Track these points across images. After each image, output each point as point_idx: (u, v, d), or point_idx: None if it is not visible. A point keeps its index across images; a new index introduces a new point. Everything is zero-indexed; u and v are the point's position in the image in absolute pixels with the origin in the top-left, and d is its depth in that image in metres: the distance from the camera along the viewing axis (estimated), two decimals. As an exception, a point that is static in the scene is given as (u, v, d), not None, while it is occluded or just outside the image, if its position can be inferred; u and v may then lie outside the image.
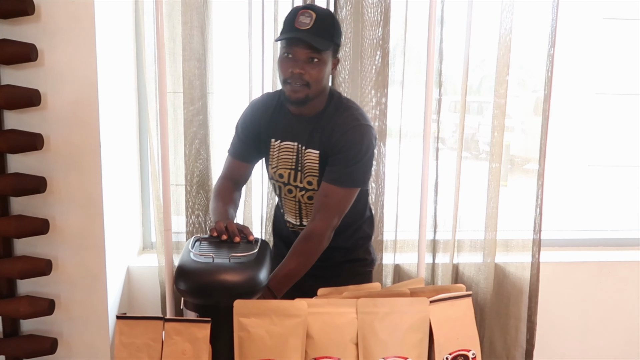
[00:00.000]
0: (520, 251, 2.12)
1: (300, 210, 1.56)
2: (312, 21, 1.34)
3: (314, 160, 1.48)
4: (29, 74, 1.68)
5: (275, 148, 1.53)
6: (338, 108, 1.48)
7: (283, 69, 1.40)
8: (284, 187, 1.55)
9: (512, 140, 2.03)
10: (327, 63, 1.40)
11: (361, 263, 1.65)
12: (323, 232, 1.42)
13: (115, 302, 1.93)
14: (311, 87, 1.39)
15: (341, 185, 1.43)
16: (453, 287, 1.09)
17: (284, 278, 1.37)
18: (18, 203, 1.74)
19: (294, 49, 1.37)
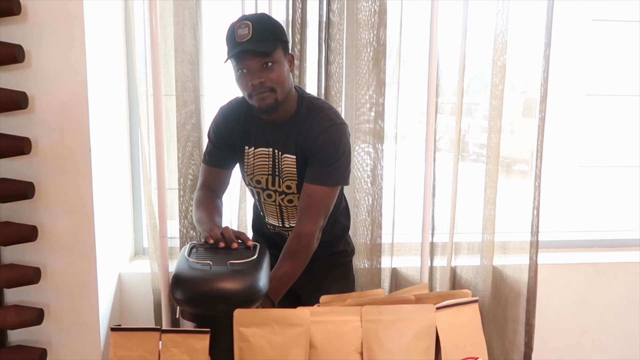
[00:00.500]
0: (518, 253, 2.10)
1: (282, 213, 1.56)
2: (250, 30, 1.33)
3: (291, 164, 1.49)
4: (15, 75, 1.63)
5: (250, 155, 1.52)
6: (311, 110, 1.48)
7: (243, 86, 1.40)
8: (262, 193, 1.55)
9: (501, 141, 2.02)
10: (281, 63, 1.40)
11: (342, 254, 1.69)
12: (312, 232, 1.43)
13: (106, 311, 1.87)
14: (277, 90, 1.39)
15: (323, 184, 1.44)
16: (458, 293, 1.07)
17: (279, 282, 1.37)
18: (5, 209, 1.68)
19: (245, 62, 1.36)
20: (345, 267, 1.70)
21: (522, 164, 2.31)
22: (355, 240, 2.00)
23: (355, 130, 1.96)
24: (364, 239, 2.01)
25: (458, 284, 2.10)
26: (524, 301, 2.08)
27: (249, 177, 1.55)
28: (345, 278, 1.69)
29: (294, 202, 1.53)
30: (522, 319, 2.09)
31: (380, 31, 1.89)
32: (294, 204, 1.53)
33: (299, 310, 1.01)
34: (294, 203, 1.53)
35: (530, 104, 2.22)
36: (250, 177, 1.54)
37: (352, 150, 1.92)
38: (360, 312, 1.02)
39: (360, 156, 1.98)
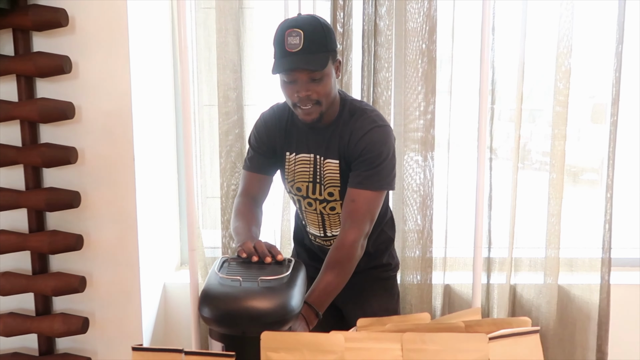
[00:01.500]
0: (587, 271, 1.91)
1: (323, 222, 1.49)
2: (301, 40, 1.26)
3: (334, 170, 1.42)
4: (63, 86, 1.66)
5: (291, 161, 1.46)
6: (353, 113, 1.41)
7: (289, 95, 1.34)
8: (303, 201, 1.48)
9: (567, 149, 1.85)
10: (330, 75, 1.34)
11: (385, 268, 1.59)
12: (356, 239, 1.36)
13: (150, 321, 1.86)
14: (322, 103, 1.34)
15: (367, 188, 1.36)
16: (516, 321, 0.94)
17: (322, 293, 1.31)
18: (53, 218, 1.71)
19: (293, 74, 1.30)
20: (389, 282, 1.60)
21: (590, 172, 2.12)
22: (403, 254, 1.89)
23: (404, 139, 1.86)
24: (413, 253, 1.89)
25: (518, 304, 1.92)
26: (595, 325, 1.87)
27: (289, 184, 1.49)
28: (389, 293, 1.59)
29: (337, 210, 1.46)
30: (593, 346, 1.88)
31: (430, 37, 1.79)
32: (336, 211, 1.46)
33: (333, 336, 0.92)
34: (337, 211, 1.46)
35: (600, 109, 2.03)
36: (291, 185, 1.49)
37: (401, 159, 1.82)
38: (402, 339, 0.91)
39: (409, 165, 1.87)
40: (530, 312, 1.91)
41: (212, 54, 1.85)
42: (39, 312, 1.71)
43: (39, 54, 1.61)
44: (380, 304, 1.53)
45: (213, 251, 1.99)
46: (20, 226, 1.69)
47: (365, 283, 1.51)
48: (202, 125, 1.98)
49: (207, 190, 2.06)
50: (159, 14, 1.90)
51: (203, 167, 2.03)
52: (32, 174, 1.66)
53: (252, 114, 1.88)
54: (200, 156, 2.03)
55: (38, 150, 1.62)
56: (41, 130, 1.68)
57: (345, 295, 1.49)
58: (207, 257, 1.96)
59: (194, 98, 1.98)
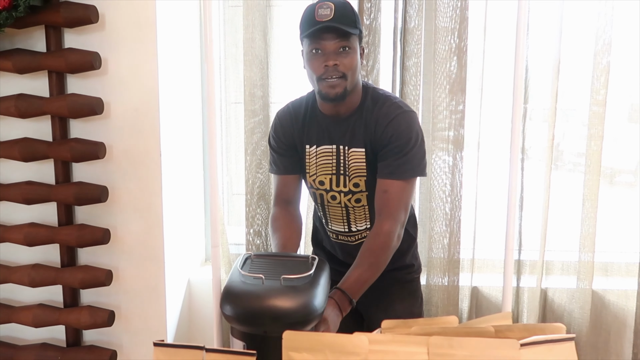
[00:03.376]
0: (623, 277, 1.83)
1: (347, 216, 1.45)
2: (332, 11, 1.26)
3: (359, 159, 1.38)
4: (92, 82, 1.68)
5: (312, 155, 1.43)
6: (376, 100, 1.39)
7: (315, 67, 1.31)
8: (326, 195, 1.44)
9: (605, 150, 1.77)
10: (356, 51, 1.32)
11: (408, 270, 1.55)
12: (391, 229, 1.33)
13: (175, 316, 1.87)
14: (347, 78, 1.30)
15: (399, 177, 1.34)
16: (549, 327, 0.89)
17: (357, 281, 1.29)
18: (81, 212, 1.74)
19: (322, 42, 1.28)
20: (412, 285, 1.56)
21: (627, 174, 2.03)
22: (430, 255, 1.85)
23: (432, 138, 1.82)
24: (440, 254, 1.84)
25: (549, 309, 1.86)
26: (631, 333, 1.80)
27: (311, 178, 1.45)
28: (412, 297, 1.55)
29: (362, 202, 1.42)
30: (629, 354, 1.81)
31: (461, 35, 1.74)
32: (361, 204, 1.42)
33: (356, 337, 0.90)
34: (362, 203, 1.42)
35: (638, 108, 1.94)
36: (313, 179, 1.45)
37: (429, 158, 1.78)
38: (428, 343, 0.88)
39: (437, 164, 1.83)
40: (562, 318, 1.85)
41: (239, 50, 1.85)
42: (66, 305, 1.73)
43: (69, 50, 1.63)
44: (404, 308, 1.49)
45: (238, 247, 1.99)
46: (50, 219, 1.72)
47: (388, 286, 1.48)
48: (229, 122, 1.98)
49: (233, 187, 2.07)
50: (187, 11, 1.91)
51: (229, 163, 2.04)
52: (61, 169, 1.68)
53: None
54: (226, 153, 2.03)
55: (68, 145, 1.65)
56: (71, 125, 1.71)
57: (368, 298, 1.46)
58: (231, 254, 1.96)
59: (221, 95, 1.99)
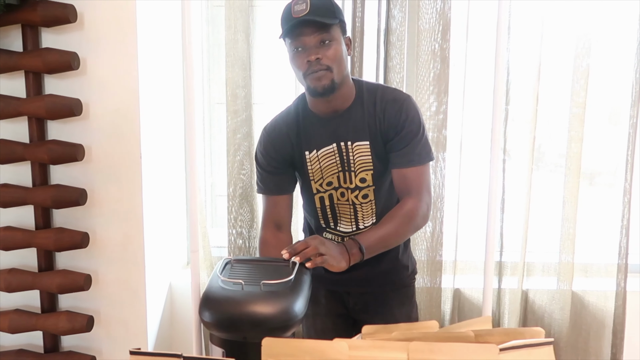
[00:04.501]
0: (602, 277, 1.85)
1: (356, 213, 1.41)
2: (307, 5, 1.25)
3: (365, 152, 1.36)
4: (71, 83, 1.65)
5: (314, 160, 1.39)
6: (374, 90, 1.38)
7: (298, 64, 1.29)
8: (336, 192, 1.40)
9: (585, 151, 1.80)
10: (339, 41, 1.30)
11: (405, 272, 1.51)
12: (415, 205, 1.31)
13: (156, 321, 1.85)
14: (333, 69, 1.28)
15: (418, 164, 1.34)
16: (529, 331, 0.90)
17: (371, 233, 1.28)
18: (59, 215, 1.71)
19: (301, 38, 1.26)
20: (410, 290, 1.52)
21: (607, 175, 2.06)
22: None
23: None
24: (422, 255, 1.85)
25: (530, 310, 1.88)
26: (610, 333, 1.82)
27: (317, 182, 1.40)
28: (410, 302, 1.52)
29: (369, 197, 1.39)
30: (607, 355, 1.83)
31: (444, 37, 1.75)
32: (368, 199, 1.39)
33: (337, 343, 0.89)
34: (369, 198, 1.39)
35: (618, 110, 1.97)
36: (320, 183, 1.40)
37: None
38: (408, 348, 0.88)
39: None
40: (542, 319, 1.87)
41: (221, 51, 1.83)
42: (44, 310, 1.70)
43: (47, 50, 1.60)
44: (402, 314, 1.47)
45: (220, 250, 1.97)
46: (26, 223, 1.69)
47: (387, 291, 1.47)
48: (212, 123, 1.96)
49: (217, 189, 2.05)
50: (169, 10, 1.88)
51: (213, 165, 2.02)
52: (39, 171, 1.65)
53: (261, 113, 1.86)
54: (211, 154, 2.01)
55: (45, 146, 1.62)
56: (49, 126, 1.68)
57: (366, 306, 1.46)
58: (213, 257, 1.94)
59: (204, 96, 1.97)
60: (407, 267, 1.51)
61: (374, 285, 1.46)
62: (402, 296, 1.50)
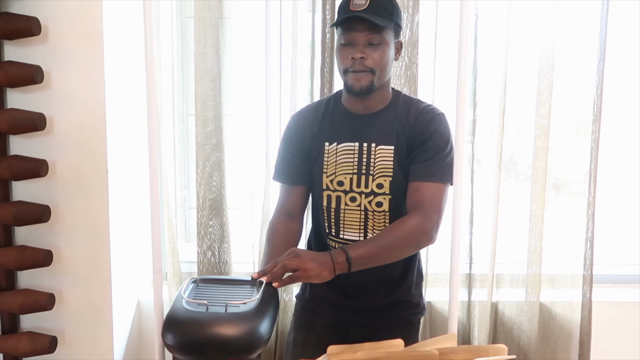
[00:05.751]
0: (568, 288, 1.88)
1: (366, 222, 1.35)
2: (367, 1, 1.22)
3: (387, 158, 1.31)
4: (34, 97, 1.61)
5: (332, 152, 1.35)
6: (410, 100, 1.36)
7: (342, 58, 1.26)
8: (344, 196, 1.34)
9: (552, 162, 1.83)
10: (389, 45, 1.26)
11: (415, 310, 1.43)
12: (419, 222, 1.23)
13: (123, 340, 1.81)
14: (375, 73, 1.25)
15: (437, 180, 1.27)
16: (492, 348, 0.90)
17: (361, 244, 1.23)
18: (22, 233, 1.66)
19: (352, 33, 1.24)
20: (416, 327, 1.44)
21: (576, 185, 2.11)
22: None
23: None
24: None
25: (500, 322, 1.90)
26: (577, 344, 1.85)
27: (328, 178, 1.35)
28: (414, 341, 1.42)
29: (383, 207, 1.33)
30: (575, 364, 1.86)
31: (412, 50, 1.77)
32: (382, 208, 1.33)
33: (300, 365, 0.88)
34: (383, 207, 1.33)
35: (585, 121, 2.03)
36: (331, 179, 1.35)
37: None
38: (373, 368, 0.88)
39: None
40: (512, 330, 1.89)
41: (190, 64, 1.82)
42: (4, 331, 1.64)
43: (9, 63, 1.56)
44: None
45: (189, 265, 1.94)
46: (-13, 241, 1.63)
47: (392, 327, 1.38)
48: (183, 136, 1.94)
49: (191, 201, 2.02)
50: (136, 23, 1.86)
51: (187, 178, 1.99)
52: (0, 187, 1.60)
53: (231, 125, 1.85)
54: (187, 166, 1.99)
55: (6, 162, 1.57)
56: (11, 141, 1.63)
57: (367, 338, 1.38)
58: (183, 273, 1.91)
59: (175, 109, 1.94)
60: (418, 304, 1.45)
61: (378, 317, 1.39)
62: (407, 333, 1.37)
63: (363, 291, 1.31)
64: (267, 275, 1.12)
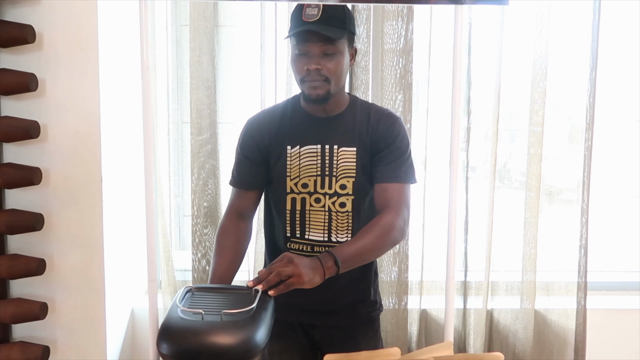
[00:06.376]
0: (563, 296, 1.89)
1: (330, 222, 1.37)
2: (319, 11, 1.24)
3: (349, 159, 1.35)
4: (29, 104, 1.60)
5: (294, 156, 1.36)
6: (367, 105, 1.41)
7: (298, 68, 1.29)
8: (309, 198, 1.37)
9: (545, 169, 1.85)
10: (343, 54, 1.29)
11: (373, 307, 1.48)
12: (393, 219, 1.28)
13: (116, 348, 1.79)
14: (331, 82, 1.28)
15: (402, 181, 1.33)
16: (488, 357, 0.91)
17: (346, 246, 1.24)
18: (14, 241, 1.64)
19: (306, 45, 1.26)
20: (376, 324, 1.49)
21: (568, 192, 2.12)
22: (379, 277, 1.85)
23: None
24: (388, 276, 1.85)
25: (495, 330, 1.90)
26: (572, 351, 1.86)
27: (292, 182, 1.37)
28: (376, 336, 1.49)
29: (346, 207, 1.36)
30: (570, 371, 1.86)
31: (407, 58, 1.78)
32: (345, 209, 1.36)
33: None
34: (346, 208, 1.36)
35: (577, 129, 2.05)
36: (295, 182, 1.37)
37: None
38: (369, 376, 0.88)
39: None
40: (507, 338, 1.89)
41: (185, 72, 1.82)
42: (-4, 341, 1.62)
43: (3, 70, 1.55)
44: (369, 348, 1.41)
45: (184, 274, 1.93)
46: (-21, 249, 1.62)
47: (354, 326, 1.44)
48: (178, 144, 1.93)
49: (186, 209, 2.01)
50: (131, 31, 1.86)
51: (182, 185, 1.98)
52: (-8, 195, 1.59)
53: (226, 132, 1.85)
54: (182, 174, 1.98)
55: (0, 170, 1.56)
56: (4, 149, 1.62)
57: (332, 339, 1.44)
58: (178, 281, 1.90)
59: (170, 117, 1.94)
60: (375, 301, 1.48)
61: (341, 318, 1.43)
62: (369, 331, 1.47)
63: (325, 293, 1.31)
64: (262, 283, 1.12)
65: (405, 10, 1.76)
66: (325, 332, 1.45)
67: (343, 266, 1.20)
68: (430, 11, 1.82)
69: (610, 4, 1.86)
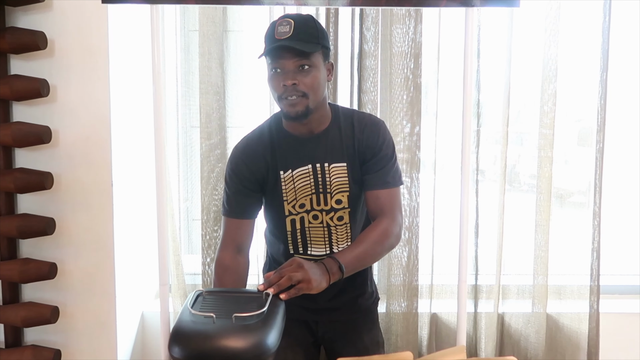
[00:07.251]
0: (576, 299, 1.87)
1: (330, 236, 1.39)
2: (291, 28, 1.24)
3: (341, 174, 1.36)
4: (40, 110, 1.62)
5: (288, 180, 1.37)
6: (350, 114, 1.40)
7: (275, 85, 1.29)
8: (307, 216, 1.38)
9: (555, 172, 1.83)
10: (319, 68, 1.29)
11: (370, 297, 1.51)
12: (389, 225, 1.32)
13: (127, 352, 1.79)
14: (309, 97, 1.27)
15: (393, 186, 1.36)
16: (501, 361, 0.90)
17: (348, 252, 1.26)
18: (27, 245, 1.65)
19: (280, 61, 1.26)
20: (374, 314, 1.54)
21: (578, 195, 2.10)
22: (388, 281, 1.85)
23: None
24: (398, 280, 1.84)
25: (507, 334, 1.88)
26: (584, 355, 1.83)
27: (290, 204, 1.37)
28: (376, 326, 1.53)
29: (344, 220, 1.38)
30: (583, 376, 1.84)
31: (415, 61, 1.78)
32: (344, 221, 1.38)
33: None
34: (344, 221, 1.38)
35: (587, 132, 2.03)
36: (293, 204, 1.37)
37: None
38: (382, 380, 0.87)
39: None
40: (519, 342, 1.87)
41: (194, 77, 1.83)
42: (8, 344, 1.63)
43: (15, 77, 1.57)
44: (371, 338, 1.47)
45: (193, 278, 1.93)
46: (-9, 254, 1.63)
47: (354, 317, 1.46)
48: (186, 148, 1.94)
49: (192, 213, 2.02)
50: (141, 37, 1.87)
51: (192, 189, 1.99)
52: (5, 200, 1.60)
53: (235, 136, 1.85)
54: (191, 178, 1.99)
55: (12, 175, 1.57)
56: (16, 154, 1.64)
57: (335, 333, 1.45)
58: (188, 285, 1.90)
59: (179, 122, 1.95)
60: (372, 293, 1.52)
61: (343, 313, 1.45)
62: (369, 321, 1.51)
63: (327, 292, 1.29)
64: (273, 287, 1.12)
65: (414, 13, 1.76)
66: (328, 326, 1.47)
67: (346, 272, 1.24)
68: (438, 14, 1.82)
69: (621, 5, 1.84)
